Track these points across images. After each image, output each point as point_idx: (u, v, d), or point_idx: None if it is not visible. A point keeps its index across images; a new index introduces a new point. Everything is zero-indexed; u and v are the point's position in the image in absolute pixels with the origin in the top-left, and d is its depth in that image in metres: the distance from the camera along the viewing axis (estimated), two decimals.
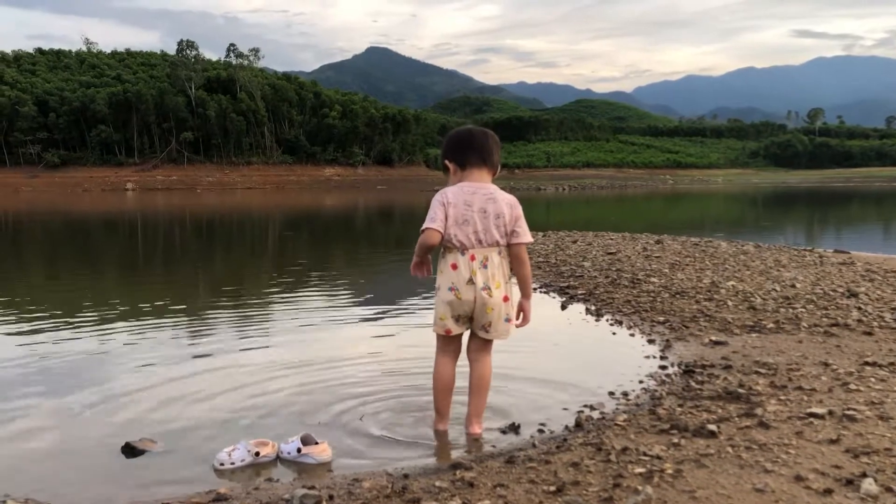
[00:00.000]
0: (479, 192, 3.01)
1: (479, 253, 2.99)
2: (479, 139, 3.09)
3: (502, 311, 3.03)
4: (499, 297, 3.01)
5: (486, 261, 2.99)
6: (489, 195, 3.01)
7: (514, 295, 3.11)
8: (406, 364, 4.37)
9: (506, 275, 3.05)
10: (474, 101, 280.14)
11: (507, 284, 3.06)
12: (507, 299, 3.04)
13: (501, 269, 3.03)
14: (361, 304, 7.08)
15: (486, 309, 3.01)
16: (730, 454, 2.59)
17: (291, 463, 2.84)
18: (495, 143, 3.12)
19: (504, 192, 3.06)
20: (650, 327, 5.20)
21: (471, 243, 2.98)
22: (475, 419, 3.17)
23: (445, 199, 2.99)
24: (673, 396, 3.49)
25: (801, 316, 5.27)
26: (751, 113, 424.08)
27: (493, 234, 2.99)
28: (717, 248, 10.03)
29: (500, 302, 3.01)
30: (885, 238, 16.92)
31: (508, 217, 3.00)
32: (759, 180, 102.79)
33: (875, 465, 2.44)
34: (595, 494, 2.30)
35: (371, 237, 17.88)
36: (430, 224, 2.97)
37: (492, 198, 3.01)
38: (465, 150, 3.08)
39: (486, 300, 2.99)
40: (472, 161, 3.05)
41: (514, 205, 3.04)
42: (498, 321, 3.04)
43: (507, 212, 3.00)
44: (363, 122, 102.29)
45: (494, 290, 3.00)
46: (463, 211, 2.98)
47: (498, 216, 2.99)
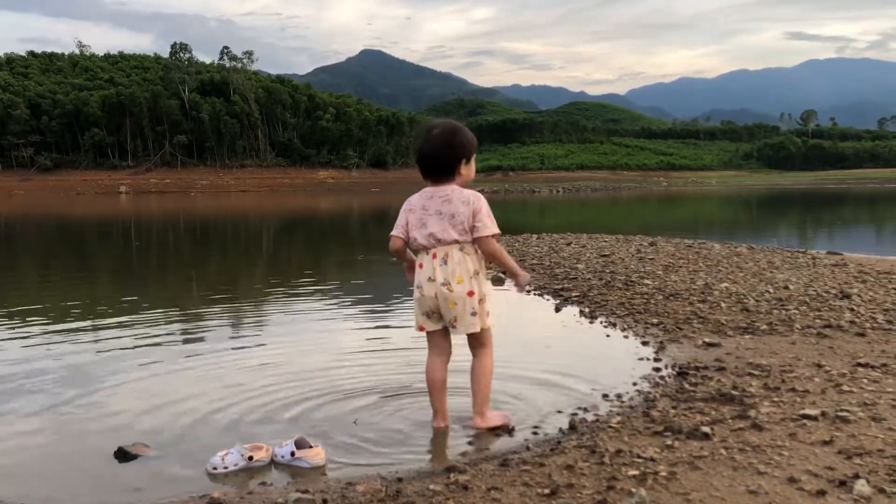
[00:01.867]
0: (435, 196, 3.16)
1: (439, 251, 3.13)
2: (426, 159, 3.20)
3: (466, 305, 3.12)
4: (461, 291, 3.10)
5: (447, 258, 3.11)
6: (444, 197, 3.15)
7: (483, 289, 3.18)
8: (400, 366, 4.37)
9: (470, 270, 3.12)
10: (468, 104, 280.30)
11: (473, 279, 3.13)
12: (471, 294, 3.11)
13: (464, 265, 3.11)
14: (357, 306, 7.08)
15: (449, 304, 3.12)
16: (723, 456, 2.60)
17: (285, 467, 2.84)
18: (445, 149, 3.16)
19: (465, 190, 3.16)
20: (644, 329, 5.21)
21: (430, 243, 3.13)
22: (476, 413, 3.24)
23: (409, 205, 3.23)
24: (667, 398, 3.50)
25: (794, 317, 5.28)
26: (744, 115, 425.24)
27: (451, 233, 3.11)
28: (711, 250, 10.05)
29: (462, 296, 3.11)
30: (878, 240, 16.99)
31: (465, 215, 3.10)
32: (753, 182, 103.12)
33: (867, 466, 2.44)
34: (589, 497, 2.30)
35: (365, 240, 17.87)
36: (393, 231, 3.23)
37: (447, 199, 3.14)
38: (418, 161, 3.24)
39: (447, 295, 3.11)
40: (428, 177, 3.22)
41: (471, 201, 3.12)
42: (463, 315, 3.13)
43: (463, 209, 3.11)
44: (357, 125, 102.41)
45: (455, 286, 3.10)
46: (420, 215, 3.18)
47: (453, 216, 3.11)
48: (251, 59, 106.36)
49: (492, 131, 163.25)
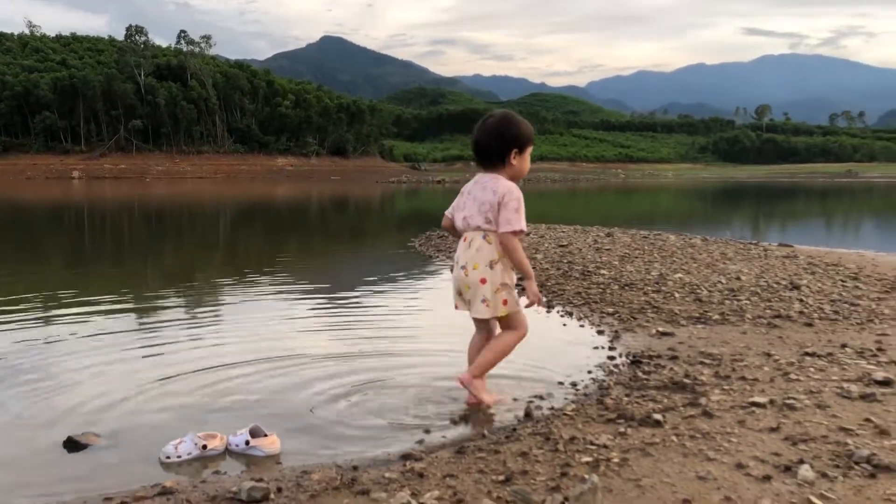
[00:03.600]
0: (479, 182, 3.27)
1: (468, 235, 3.26)
2: (476, 146, 3.28)
3: (478, 291, 3.20)
4: (475, 277, 3.20)
5: (471, 243, 3.23)
6: (484, 184, 3.23)
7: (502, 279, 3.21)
8: (357, 355, 4.36)
9: (487, 259, 3.19)
10: (430, 93, 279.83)
11: (489, 268, 3.18)
12: (483, 281, 3.19)
13: (482, 252, 3.19)
14: (314, 294, 7.03)
15: (464, 287, 3.25)
16: (674, 443, 2.65)
17: (240, 455, 2.81)
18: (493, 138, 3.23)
19: (502, 181, 3.21)
20: (600, 318, 5.28)
21: (464, 227, 3.28)
22: (468, 371, 3.35)
23: (463, 188, 3.36)
24: (620, 386, 3.55)
25: (745, 308, 5.40)
26: (701, 109, 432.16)
27: (477, 219, 3.20)
28: (666, 241, 10.21)
29: (475, 282, 3.20)
30: (827, 232, 17.43)
31: (491, 204, 3.17)
32: (708, 175, 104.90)
33: (812, 451, 2.51)
34: (543, 483, 2.33)
35: (325, 228, 17.76)
36: (446, 211, 3.41)
37: (484, 186, 3.22)
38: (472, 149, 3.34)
39: (463, 279, 3.24)
40: (480, 164, 3.33)
41: (501, 193, 3.16)
42: (474, 300, 3.23)
43: (491, 199, 3.17)
44: (317, 112, 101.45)
45: (472, 271, 3.21)
46: (465, 199, 3.30)
47: (483, 203, 3.19)
48: (209, 44, 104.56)
49: (453, 121, 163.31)
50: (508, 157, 3.23)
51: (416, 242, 11.47)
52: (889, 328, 4.71)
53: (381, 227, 18.75)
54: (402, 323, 5.51)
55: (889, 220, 22.01)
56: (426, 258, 9.70)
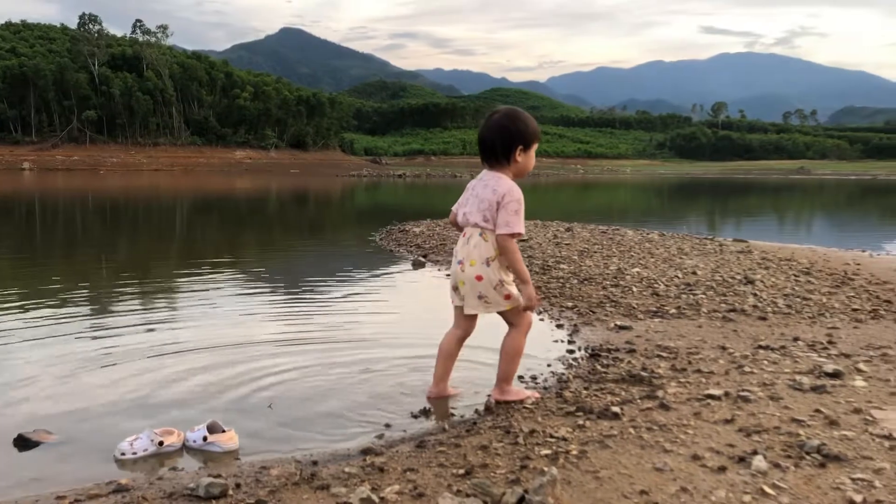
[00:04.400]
0: (483, 179, 3.24)
1: (467, 231, 3.25)
2: (482, 141, 3.25)
3: (474, 287, 3.18)
4: (471, 274, 3.18)
5: (469, 238, 3.22)
6: (486, 182, 3.20)
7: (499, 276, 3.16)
8: (316, 350, 4.33)
9: (485, 256, 3.16)
10: (391, 87, 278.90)
11: (485, 265, 3.15)
12: (479, 278, 3.16)
13: (479, 249, 3.16)
14: (273, 289, 6.96)
15: (459, 282, 3.24)
16: (632, 435, 2.68)
17: (197, 452, 2.78)
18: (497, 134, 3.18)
19: (504, 181, 3.16)
20: (559, 312, 5.32)
21: (463, 222, 3.27)
22: (496, 385, 3.34)
23: (469, 185, 3.33)
24: (579, 380, 3.59)
25: (701, 302, 5.49)
26: (658, 105, 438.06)
27: (475, 216, 3.19)
28: (624, 237, 10.34)
29: (471, 279, 3.18)
30: (780, 228, 17.82)
31: (489, 202, 3.14)
32: (665, 171, 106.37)
33: (765, 442, 2.57)
34: (503, 476, 2.34)
35: (284, 222, 17.60)
36: (453, 207, 3.40)
37: (486, 184, 3.20)
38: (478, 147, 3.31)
39: (459, 274, 3.24)
40: (484, 161, 3.28)
41: (501, 193, 3.11)
42: (469, 296, 3.21)
43: (490, 197, 3.14)
44: (276, 105, 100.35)
45: (468, 267, 3.19)
46: (468, 195, 3.28)
47: (482, 201, 3.17)
48: (165, 34, 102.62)
49: (414, 115, 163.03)
50: (513, 153, 3.18)
51: (377, 237, 11.44)
52: (839, 322, 4.84)
53: (342, 222, 18.64)
54: (361, 318, 5.49)
55: (839, 217, 22.58)
56: (387, 253, 9.67)
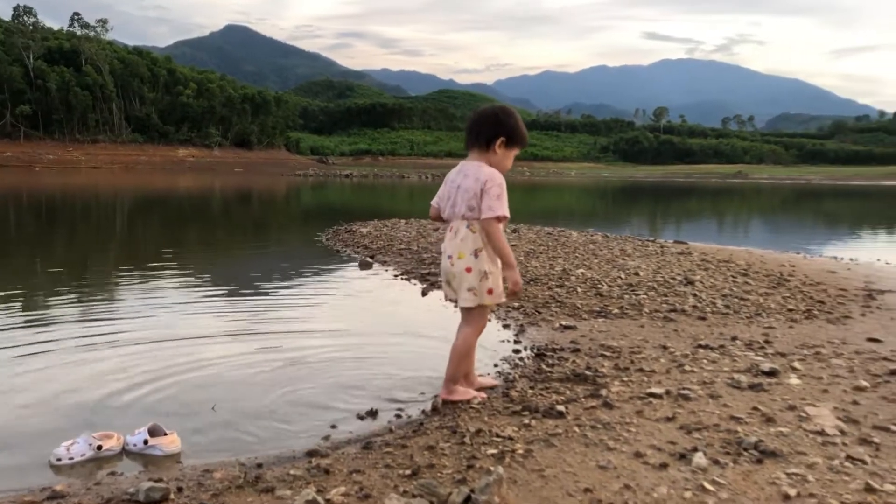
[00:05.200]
0: (462, 170, 3.24)
1: (454, 224, 3.26)
2: (470, 123, 3.29)
3: (464, 280, 3.19)
4: (460, 266, 3.19)
5: (456, 232, 3.22)
6: (466, 172, 3.21)
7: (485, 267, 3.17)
8: (260, 351, 4.28)
9: (473, 248, 3.17)
10: (338, 86, 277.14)
11: (475, 257, 3.17)
12: (469, 270, 3.17)
13: (467, 241, 3.18)
14: (215, 289, 6.84)
15: (451, 276, 3.25)
16: (576, 433, 2.72)
17: (138, 455, 2.71)
18: (487, 120, 3.23)
19: (485, 168, 3.16)
20: (505, 313, 5.36)
21: (449, 215, 3.28)
22: (443, 385, 3.34)
23: (446, 177, 3.33)
24: (525, 379, 3.62)
25: (643, 302, 5.60)
26: (603, 109, 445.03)
27: (461, 208, 3.19)
28: (569, 238, 10.47)
29: (461, 272, 3.19)
30: (719, 230, 18.27)
31: (473, 191, 3.14)
32: (609, 174, 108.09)
33: (705, 440, 2.63)
34: (449, 476, 2.35)
35: (228, 222, 17.31)
36: (432, 201, 3.39)
37: (466, 174, 3.20)
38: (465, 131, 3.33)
39: (448, 268, 3.25)
40: (466, 144, 3.30)
41: (483, 180, 3.12)
42: (460, 289, 3.22)
43: (473, 186, 3.14)
44: (220, 102, 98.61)
45: (457, 261, 3.20)
46: (448, 188, 3.28)
47: (466, 191, 3.17)
48: (105, 28, 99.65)
49: (361, 115, 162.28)
50: (495, 143, 3.20)
51: (323, 237, 11.34)
52: (775, 322, 4.99)
53: (287, 222, 18.43)
54: (307, 319, 5.44)
55: (775, 220, 23.27)
56: (333, 252, 9.60)
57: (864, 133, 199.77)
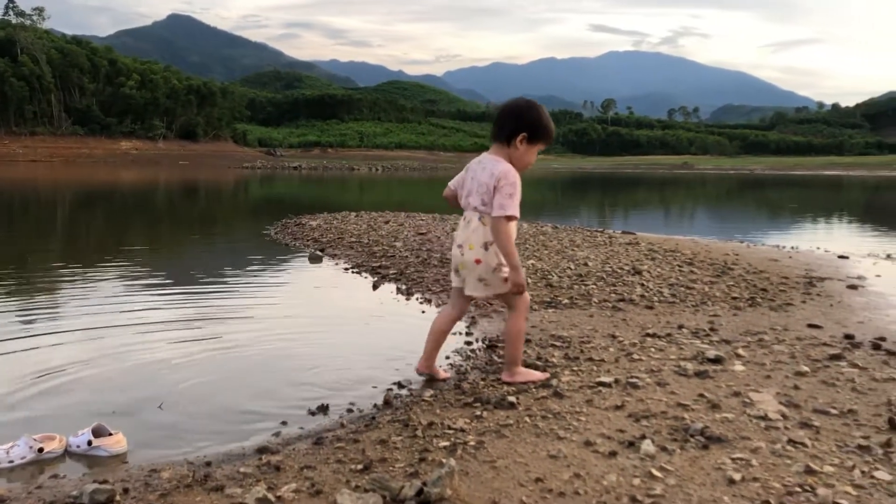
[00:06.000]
0: (482, 162, 3.29)
1: (467, 214, 3.30)
2: (495, 117, 3.33)
3: (473, 271, 3.24)
4: (470, 257, 3.24)
5: (469, 222, 3.27)
6: (485, 165, 3.25)
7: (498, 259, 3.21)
8: (208, 346, 4.21)
9: (483, 240, 3.21)
10: (285, 77, 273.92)
11: (484, 249, 3.20)
12: (479, 262, 3.22)
13: (478, 233, 3.21)
14: (160, 285, 6.70)
15: (459, 266, 3.31)
16: (527, 424, 2.74)
17: (82, 457, 2.64)
18: (510, 114, 3.26)
19: (501, 164, 3.18)
20: None
21: (464, 204, 3.32)
22: (505, 368, 3.42)
23: (468, 165, 3.38)
24: (477, 370, 3.64)
25: (592, 292, 5.67)
26: (551, 101, 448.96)
27: (474, 200, 3.23)
28: (519, 229, 10.54)
29: (471, 262, 3.24)
30: (666, 220, 18.62)
31: (487, 186, 3.17)
32: (559, 166, 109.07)
33: (653, 427, 2.68)
34: (401, 470, 2.34)
35: (173, 216, 16.97)
36: (450, 182, 3.43)
37: (484, 167, 3.24)
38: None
39: (459, 258, 3.30)
40: (491, 136, 3.35)
41: (498, 176, 3.15)
42: (469, 279, 3.28)
43: (487, 181, 3.18)
44: (164, 94, 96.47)
45: (467, 251, 3.24)
46: (466, 175, 3.34)
47: (480, 184, 3.21)
48: (42, 17, 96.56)
49: (310, 106, 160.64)
50: (516, 138, 3.20)
51: (272, 231, 11.21)
52: (720, 310, 5.10)
53: (234, 215, 18.15)
54: (255, 313, 5.36)
55: (720, 210, 23.80)
56: (282, 246, 9.50)
57: (803, 124, 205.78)
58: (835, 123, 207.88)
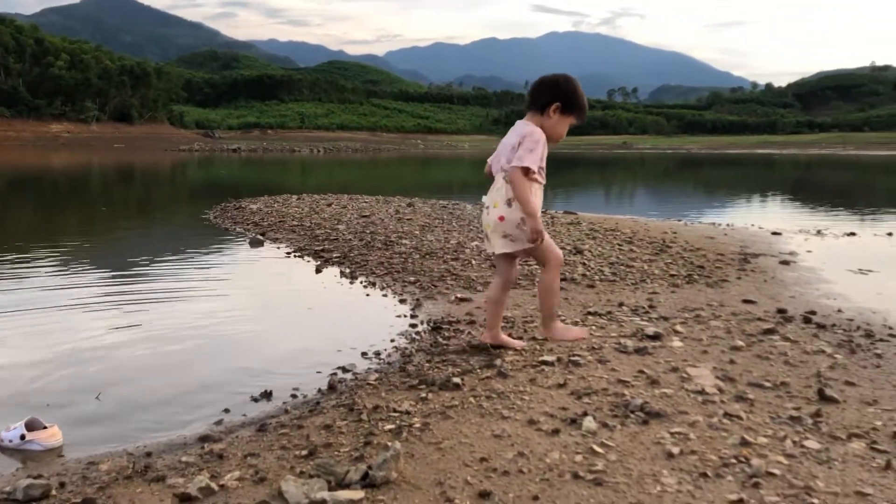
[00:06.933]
0: (514, 128, 3.41)
1: (496, 178, 3.42)
2: (531, 87, 3.46)
3: (497, 228, 3.36)
4: (494, 215, 3.36)
5: (495, 184, 3.40)
6: (514, 129, 3.39)
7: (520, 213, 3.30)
8: (146, 334, 4.12)
9: (506, 197, 3.32)
10: (222, 57, 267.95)
11: (508, 206, 3.31)
12: (502, 219, 3.33)
13: (503, 191, 3.33)
14: (94, 272, 6.51)
15: (486, 226, 3.43)
16: (472, 404, 2.76)
17: (15, 452, 2.57)
18: (547, 85, 3.39)
19: (528, 125, 3.33)
20: (402, 287, 5.36)
21: (495, 171, 3.45)
22: (542, 323, 3.62)
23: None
24: (422, 353, 3.64)
25: (535, 272, 5.72)
26: (494, 82, 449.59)
27: (502, 161, 3.36)
28: (464, 211, 10.57)
29: (494, 220, 3.36)
30: (606, 200, 18.91)
31: (512, 146, 3.31)
32: None
33: (594, 404, 2.73)
34: (347, 454, 2.34)
35: (108, 201, 16.49)
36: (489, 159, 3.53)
37: (513, 131, 3.39)
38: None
39: (484, 217, 3.44)
40: (525, 108, 3.46)
41: (523, 135, 3.30)
42: (493, 236, 3.40)
43: (514, 141, 3.31)
44: (96, 74, 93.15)
45: (492, 210, 3.38)
46: (499, 145, 3.45)
47: (507, 146, 3.35)
48: None
49: (249, 87, 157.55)
50: (550, 108, 3.33)
51: (211, 215, 10.99)
52: (658, 287, 5.22)
53: (172, 199, 17.73)
54: (195, 300, 5.27)
55: (658, 188, 24.29)
56: (222, 231, 9.33)
57: (738, 104, 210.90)
58: (768, 103, 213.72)
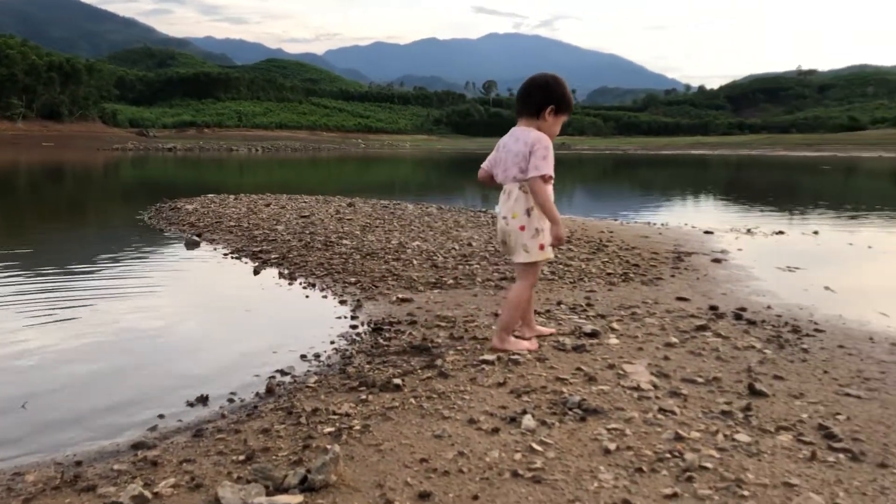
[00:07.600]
0: (513, 135, 3.41)
1: (507, 187, 3.41)
2: (521, 91, 3.45)
3: (519, 238, 3.37)
4: (515, 225, 3.36)
5: (510, 194, 3.38)
6: (517, 136, 3.37)
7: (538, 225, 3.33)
8: (76, 339, 3.99)
9: (525, 207, 3.33)
10: (157, 54, 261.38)
11: (527, 215, 3.33)
12: (523, 228, 3.34)
13: (521, 202, 3.34)
14: (22, 275, 6.27)
15: (505, 235, 3.43)
16: (413, 405, 2.76)
17: None
18: (538, 88, 3.37)
19: (532, 132, 3.31)
20: (342, 288, 5.33)
21: (503, 179, 3.43)
22: (496, 334, 3.53)
23: (498, 144, 3.48)
24: (363, 354, 3.62)
25: (476, 272, 5.76)
26: (434, 82, 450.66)
27: (512, 171, 3.35)
28: (405, 211, 10.56)
29: (515, 230, 3.37)
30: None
31: (521, 155, 3.30)
32: (443, 146, 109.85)
33: (533, 402, 2.76)
34: (285, 458, 2.31)
35: (36, 202, 15.92)
36: (483, 164, 3.55)
37: (517, 139, 3.36)
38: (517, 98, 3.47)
39: (504, 228, 3.43)
40: (517, 111, 3.44)
41: (531, 143, 3.28)
42: (515, 247, 3.40)
43: (522, 149, 3.30)
44: (23, 70, 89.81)
45: (511, 220, 3.37)
46: (499, 153, 3.45)
47: (516, 154, 3.32)
48: None
49: (184, 85, 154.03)
50: (545, 111, 3.33)
51: (146, 215, 10.72)
52: (596, 285, 5.31)
53: (104, 200, 17.22)
54: (129, 304, 5.13)
55: (596, 188, 24.68)
56: (156, 232, 9.10)
57: (672, 105, 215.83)
58: (701, 105, 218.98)
